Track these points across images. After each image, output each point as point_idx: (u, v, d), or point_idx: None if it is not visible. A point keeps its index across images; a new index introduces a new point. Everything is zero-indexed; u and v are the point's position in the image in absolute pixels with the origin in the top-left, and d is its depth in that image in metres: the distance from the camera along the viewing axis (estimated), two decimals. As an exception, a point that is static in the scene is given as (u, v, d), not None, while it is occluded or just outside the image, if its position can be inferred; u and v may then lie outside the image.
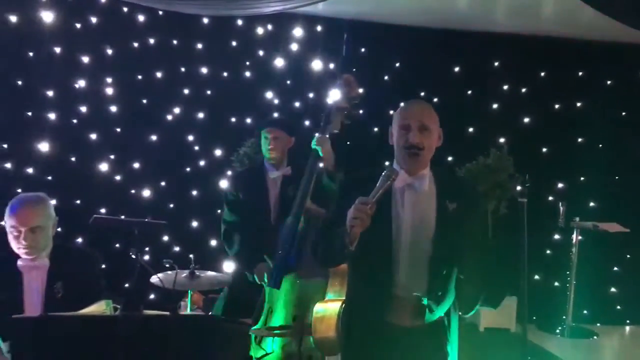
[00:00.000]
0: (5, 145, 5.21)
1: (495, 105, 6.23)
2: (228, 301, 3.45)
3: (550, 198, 6.26)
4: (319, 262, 2.43)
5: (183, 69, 5.60)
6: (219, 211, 4.02)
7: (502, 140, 6.14)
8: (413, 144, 2.30)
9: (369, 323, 2.33)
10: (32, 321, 1.59)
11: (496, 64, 6.21)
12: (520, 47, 6.05)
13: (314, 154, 3.14)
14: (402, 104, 2.46)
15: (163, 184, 5.61)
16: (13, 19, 5.12)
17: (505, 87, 6.25)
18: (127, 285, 3.58)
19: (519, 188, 5.73)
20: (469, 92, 6.19)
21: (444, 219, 2.33)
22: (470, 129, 6.22)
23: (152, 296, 5.43)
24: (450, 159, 6.09)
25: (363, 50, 5.99)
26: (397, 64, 6.08)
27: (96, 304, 1.81)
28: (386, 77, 6.05)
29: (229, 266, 4.05)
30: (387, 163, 2.61)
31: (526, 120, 6.25)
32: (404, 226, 2.32)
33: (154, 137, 5.57)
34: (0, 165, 5.19)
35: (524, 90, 6.25)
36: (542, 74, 6.26)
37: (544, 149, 6.28)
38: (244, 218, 3.44)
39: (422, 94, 6.11)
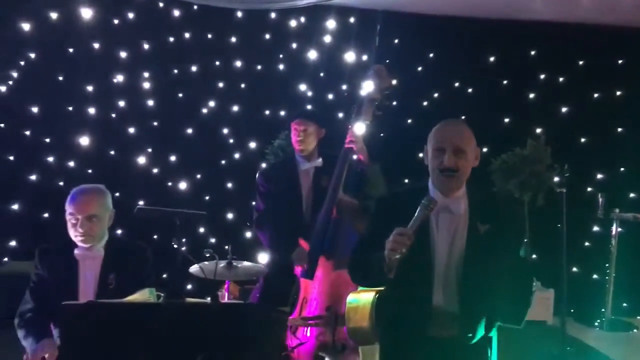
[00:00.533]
0: (47, 140, 5.36)
1: (532, 95, 6.12)
2: (263, 292, 3.50)
3: (589, 189, 6.13)
4: (356, 282, 2.45)
5: (217, 63, 5.67)
6: (253, 203, 4.07)
7: (539, 130, 6.03)
8: (447, 167, 2.29)
9: (409, 337, 2.34)
10: (79, 307, 1.65)
11: (532, 52, 6.10)
12: (558, 35, 5.92)
13: (345, 150, 3.17)
14: (438, 125, 2.43)
15: (199, 176, 5.70)
16: (54, 16, 5.26)
17: (542, 76, 6.13)
18: (167, 274, 3.64)
19: (557, 179, 5.69)
20: (505, 82, 6.09)
21: (474, 241, 2.31)
22: (506, 120, 6.13)
23: (189, 286, 5.53)
24: (485, 150, 6.02)
25: (396, 41, 5.96)
26: (431, 55, 6.02)
27: (140, 292, 1.88)
28: (420, 68, 6.00)
29: (263, 257, 4.11)
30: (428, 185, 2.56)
31: (564, 109, 6.13)
32: (438, 250, 2.33)
33: (189, 130, 5.66)
34: (43, 158, 5.34)
35: (561, 79, 6.13)
36: (581, 62, 6.12)
37: (583, 139, 6.15)
38: (276, 210, 3.48)
39: (457, 84, 6.06)
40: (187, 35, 5.58)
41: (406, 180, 5.65)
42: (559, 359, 4.95)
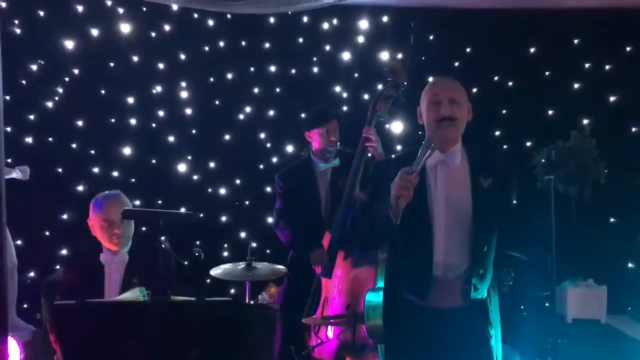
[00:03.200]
0: (92, 151, 5.58)
1: (576, 85, 5.90)
2: (286, 291, 3.52)
3: (642, 181, 5.84)
4: (361, 245, 2.46)
5: (252, 69, 5.75)
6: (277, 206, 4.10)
7: (585, 121, 5.80)
8: (445, 116, 2.29)
9: (408, 308, 2.32)
10: (69, 307, 1.71)
11: (576, 41, 5.87)
12: (602, 21, 5.68)
13: (361, 149, 3.16)
14: (429, 82, 2.45)
15: (238, 181, 5.79)
16: (95, 33, 5.48)
17: (587, 65, 5.90)
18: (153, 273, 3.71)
19: (605, 171, 5.46)
20: (547, 72, 5.89)
21: (480, 195, 2.30)
22: (550, 112, 5.92)
23: (232, 290, 5.62)
24: (529, 144, 5.85)
25: (431, 37, 5.87)
26: (468, 50, 5.90)
27: (130, 291, 1.93)
28: (457, 64, 5.88)
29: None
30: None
31: (612, 99, 5.87)
32: (438, 203, 2.31)
33: (227, 137, 5.76)
34: (89, 169, 5.57)
35: (607, 67, 5.87)
36: (628, 48, 5.85)
37: (633, 129, 5.86)
38: (294, 210, 3.50)
39: (496, 78, 5.92)
40: (221, 43, 5.70)
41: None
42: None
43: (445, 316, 2.31)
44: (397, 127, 5.40)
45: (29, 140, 5.48)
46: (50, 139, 5.52)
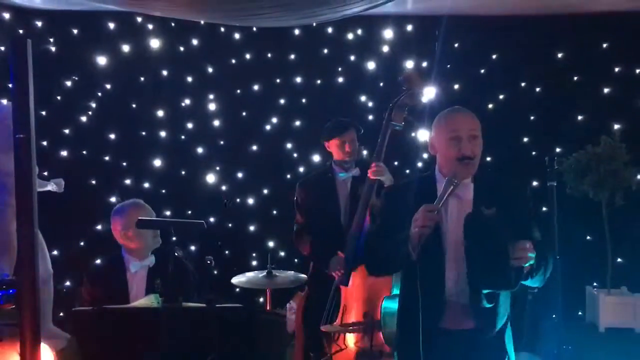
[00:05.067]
0: (124, 163, 5.75)
1: (606, 90, 5.80)
2: (307, 300, 3.56)
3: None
4: (371, 271, 2.47)
5: (278, 80, 5.84)
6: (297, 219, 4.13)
7: (616, 126, 5.70)
8: (466, 156, 2.28)
9: (423, 328, 2.31)
10: (87, 313, 1.79)
11: (605, 45, 5.78)
12: (631, 24, 5.59)
13: (370, 182, 3.17)
14: (445, 114, 2.43)
15: (266, 191, 5.87)
16: (125, 49, 5.65)
17: (617, 69, 5.80)
18: (164, 280, 3.80)
19: (638, 177, 5.34)
20: (576, 77, 5.82)
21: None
22: (579, 117, 5.84)
23: (261, 299, 5.68)
24: (558, 150, 5.77)
25: (456, 45, 5.86)
26: (494, 56, 5.87)
27: (145, 298, 1.99)
28: (482, 71, 5.86)
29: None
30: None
31: (644, 103, 5.76)
32: (449, 236, 2.31)
33: (254, 147, 5.86)
34: (121, 181, 5.73)
35: (638, 71, 5.76)
36: (659, 51, 5.73)
37: (667, 133, 5.73)
38: (314, 221, 3.54)
39: (523, 84, 5.87)
40: (248, 56, 5.81)
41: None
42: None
43: (458, 338, 2.30)
44: (423, 135, 5.39)
45: (64, 153, 5.67)
46: (84, 152, 5.71)
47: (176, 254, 2.67)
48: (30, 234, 3.26)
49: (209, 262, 2.62)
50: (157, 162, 5.73)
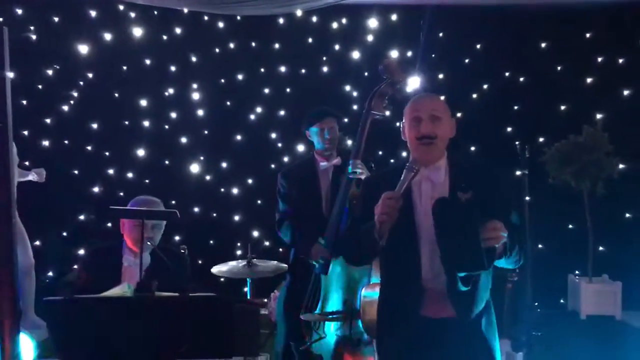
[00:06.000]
0: (107, 153, 5.71)
1: (589, 80, 5.83)
2: (289, 288, 3.56)
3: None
4: (349, 261, 2.46)
5: (263, 70, 5.81)
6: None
7: (599, 116, 5.74)
8: (425, 134, 2.28)
9: (402, 317, 2.32)
10: (59, 303, 1.78)
11: (588, 35, 5.81)
12: (614, 15, 5.62)
13: (349, 178, 3.17)
14: (412, 98, 2.44)
15: (250, 181, 5.85)
16: (108, 37, 5.60)
17: (600, 59, 5.83)
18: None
19: (621, 166, 5.39)
20: (559, 67, 5.84)
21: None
22: (563, 107, 5.87)
23: (245, 288, 5.67)
24: (541, 140, 5.80)
25: (441, 35, 5.86)
26: (478, 46, 5.87)
27: (118, 287, 1.98)
28: (467, 60, 5.87)
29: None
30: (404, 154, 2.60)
31: (626, 92, 5.79)
32: (422, 220, 2.30)
33: (239, 137, 5.84)
34: (104, 171, 5.69)
35: (621, 60, 5.80)
36: (641, 41, 5.77)
37: (648, 123, 5.77)
38: (297, 210, 3.54)
39: (507, 74, 5.88)
40: (232, 45, 5.77)
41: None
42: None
43: (437, 326, 2.30)
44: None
45: (46, 143, 5.63)
46: (66, 142, 5.67)
47: (148, 242, 2.64)
48: (7, 225, 3.23)
49: (182, 251, 2.62)
50: (141, 152, 5.70)
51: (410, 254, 2.29)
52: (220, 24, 5.75)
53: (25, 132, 5.54)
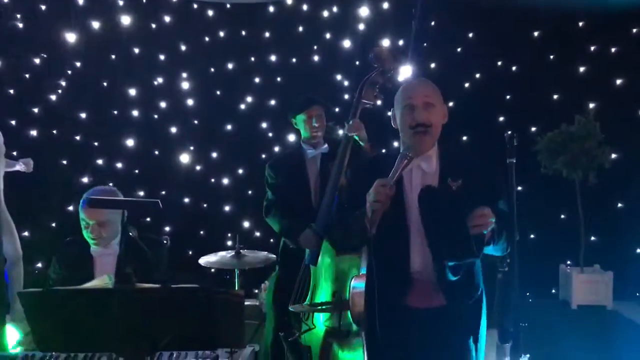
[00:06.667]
0: (96, 143, 5.65)
1: (582, 69, 5.80)
2: (278, 279, 3.54)
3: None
4: (336, 247, 2.43)
5: (253, 59, 5.76)
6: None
7: (591, 105, 5.71)
8: (419, 123, 2.24)
9: (390, 307, 2.29)
10: (34, 295, 1.74)
11: (581, 23, 5.77)
12: (607, 3, 5.57)
13: (346, 139, 3.15)
14: (402, 85, 2.40)
15: (241, 171, 5.81)
16: (96, 25, 5.52)
17: (593, 48, 5.79)
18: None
19: (614, 156, 5.37)
20: (552, 56, 5.80)
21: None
22: (555, 96, 5.83)
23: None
24: (534, 129, 5.78)
25: (433, 23, 5.81)
26: (470, 35, 5.83)
27: (99, 278, 1.95)
28: (459, 49, 5.82)
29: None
30: (395, 144, 2.57)
31: (618, 82, 5.76)
32: (412, 208, 2.27)
33: (229, 127, 5.79)
34: (93, 161, 5.64)
35: (614, 49, 5.76)
36: (634, 30, 5.73)
37: (640, 112, 5.76)
38: (285, 199, 3.51)
39: (500, 63, 5.84)
40: (221, 33, 5.71)
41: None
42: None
43: (424, 317, 2.28)
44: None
45: (34, 133, 5.57)
46: (54, 132, 5.61)
47: (130, 234, 2.61)
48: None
49: (165, 241, 2.58)
50: (130, 142, 5.65)
51: (399, 243, 2.26)
52: (210, 12, 5.68)
53: (13, 122, 5.47)
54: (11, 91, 5.42)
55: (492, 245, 2.20)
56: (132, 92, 5.64)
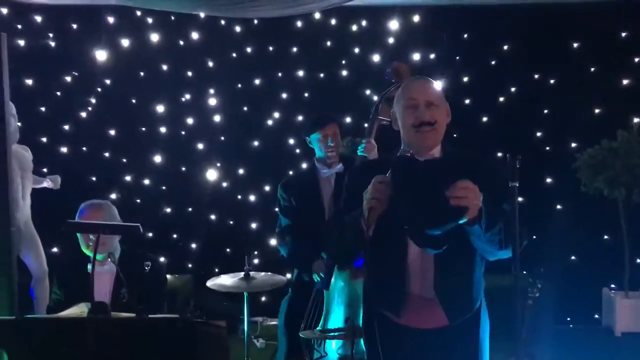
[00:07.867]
0: (124, 160, 5.67)
1: (624, 81, 5.50)
2: (290, 304, 3.40)
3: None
4: (332, 257, 2.30)
5: (280, 74, 5.69)
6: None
7: (635, 120, 5.40)
8: (424, 121, 2.11)
9: (385, 325, 2.15)
10: (9, 323, 1.66)
11: (623, 34, 5.48)
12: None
13: (359, 160, 3.03)
14: (403, 85, 2.27)
15: (267, 188, 5.72)
16: (125, 44, 5.56)
17: (636, 59, 5.50)
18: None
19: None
20: (592, 68, 5.53)
21: None
22: (597, 110, 5.55)
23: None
24: (573, 145, 5.50)
25: (465, 35, 5.63)
26: (505, 47, 5.61)
27: (77, 306, 1.86)
28: (493, 62, 5.61)
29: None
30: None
31: (665, 94, 5.45)
32: None
33: (256, 143, 5.72)
34: (121, 177, 5.65)
35: (658, 60, 5.46)
36: (681, 40, 5.42)
37: (689, 126, 5.40)
38: (298, 222, 3.38)
39: (536, 76, 5.60)
40: (249, 49, 5.67)
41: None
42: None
43: (425, 338, 2.12)
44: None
45: (64, 150, 5.62)
46: (84, 149, 5.65)
47: (109, 260, 2.52)
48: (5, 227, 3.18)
49: (146, 267, 2.49)
50: (157, 159, 5.65)
51: (396, 249, 2.13)
52: (237, 28, 5.65)
53: (44, 139, 5.55)
54: (42, 109, 5.50)
55: (479, 227, 2.00)
56: (160, 108, 5.64)
